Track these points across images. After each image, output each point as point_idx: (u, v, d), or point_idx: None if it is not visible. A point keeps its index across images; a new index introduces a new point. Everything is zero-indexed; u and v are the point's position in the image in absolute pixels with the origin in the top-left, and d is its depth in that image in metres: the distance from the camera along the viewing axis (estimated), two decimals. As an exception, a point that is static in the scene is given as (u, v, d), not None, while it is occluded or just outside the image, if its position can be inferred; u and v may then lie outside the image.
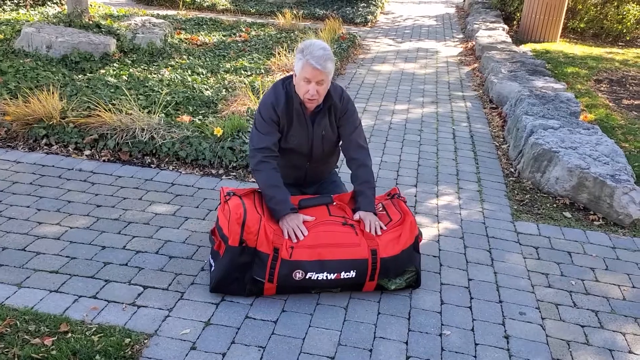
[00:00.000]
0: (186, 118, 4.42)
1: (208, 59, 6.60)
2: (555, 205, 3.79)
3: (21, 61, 5.56)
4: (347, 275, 2.58)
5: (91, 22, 6.85)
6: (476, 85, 6.70)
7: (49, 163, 3.85)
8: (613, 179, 3.61)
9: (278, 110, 2.74)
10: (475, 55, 8.12)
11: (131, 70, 5.80)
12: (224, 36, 7.93)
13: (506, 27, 9.35)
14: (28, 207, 3.27)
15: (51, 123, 4.12)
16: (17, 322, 2.34)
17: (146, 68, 5.96)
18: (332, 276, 2.56)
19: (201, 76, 5.85)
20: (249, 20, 9.49)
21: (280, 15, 9.41)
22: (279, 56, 6.50)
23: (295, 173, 3.01)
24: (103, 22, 7.03)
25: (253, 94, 5.02)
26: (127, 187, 3.60)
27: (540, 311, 2.71)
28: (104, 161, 3.95)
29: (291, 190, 2.99)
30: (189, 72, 5.92)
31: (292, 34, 8.19)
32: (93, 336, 2.30)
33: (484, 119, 5.49)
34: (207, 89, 5.34)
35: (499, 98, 5.81)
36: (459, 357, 2.38)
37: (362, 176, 2.84)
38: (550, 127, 4.36)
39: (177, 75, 5.73)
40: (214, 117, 4.53)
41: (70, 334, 2.30)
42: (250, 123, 4.29)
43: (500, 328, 2.58)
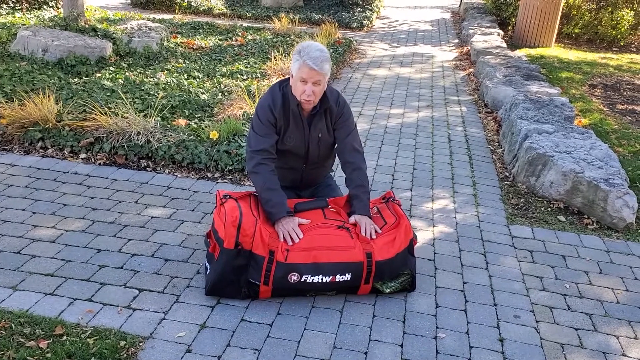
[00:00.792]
0: (182, 122, 4.43)
1: (204, 63, 6.61)
2: (549, 209, 3.81)
3: (17, 64, 5.56)
4: (342, 278, 2.59)
5: (87, 26, 6.86)
6: (471, 89, 6.73)
7: (45, 166, 3.85)
8: (607, 183, 3.63)
9: (275, 111, 2.75)
10: (470, 60, 8.16)
11: (127, 73, 5.80)
12: (220, 40, 7.94)
13: (501, 32, 9.40)
14: (23, 210, 3.27)
15: (47, 126, 4.11)
16: (12, 325, 2.33)
17: (142, 72, 5.97)
18: (328, 279, 2.57)
19: (197, 80, 5.86)
20: (245, 24, 9.51)
21: (276, 19, 9.44)
22: (275, 60, 6.52)
23: (291, 175, 3.02)
24: (99, 26, 7.03)
25: (249, 98, 5.03)
26: (123, 191, 3.60)
27: (534, 314, 2.72)
28: (100, 164, 3.95)
29: (287, 193, 3.00)
30: (185, 76, 5.93)
31: (288, 38, 8.21)
32: (88, 339, 2.30)
33: (479, 123, 5.52)
34: (203, 93, 5.35)
35: (494, 102, 5.84)
36: (454, 360, 2.39)
37: (357, 180, 2.84)
38: (544, 132, 4.39)
39: (173, 79, 5.73)
40: (210, 121, 4.54)
41: (65, 337, 2.30)
42: (246, 127, 4.30)
43: (494, 331, 2.59)
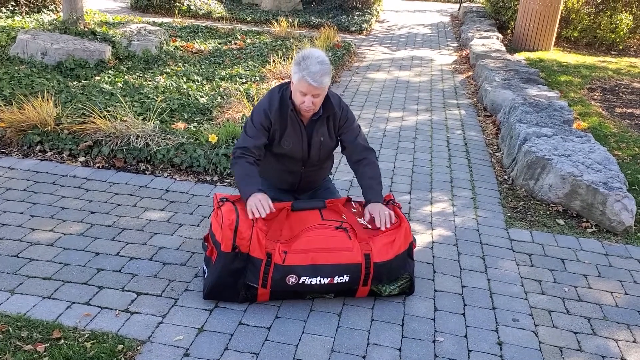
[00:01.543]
0: (181, 125, 4.43)
1: (203, 67, 6.62)
2: (548, 212, 3.81)
3: (16, 68, 5.56)
4: (341, 279, 2.58)
5: (86, 29, 6.86)
6: (470, 93, 6.74)
7: (43, 169, 3.85)
8: (606, 187, 3.63)
9: (271, 115, 2.75)
10: (469, 63, 8.17)
11: (126, 77, 5.81)
12: (220, 44, 7.95)
13: (500, 36, 9.42)
14: (22, 214, 3.27)
15: (45, 130, 4.12)
16: (10, 329, 2.33)
17: (141, 75, 5.97)
18: (326, 281, 2.56)
19: (196, 83, 5.86)
20: (245, 28, 9.52)
21: (275, 23, 9.45)
22: (274, 64, 6.52)
23: (290, 178, 3.01)
24: (98, 29, 7.04)
25: (248, 102, 5.03)
26: (122, 194, 3.60)
27: (533, 318, 2.72)
28: (99, 168, 3.95)
29: (285, 197, 3.00)
30: (184, 80, 5.94)
31: (288, 42, 8.22)
32: (86, 343, 2.29)
33: (478, 127, 5.52)
34: (202, 96, 5.35)
35: (493, 106, 5.85)
36: (452, 364, 2.39)
37: (369, 172, 2.88)
38: (543, 135, 4.39)
39: (172, 82, 5.74)
40: (209, 124, 4.54)
41: (63, 341, 2.29)
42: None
43: (493, 334, 2.58)
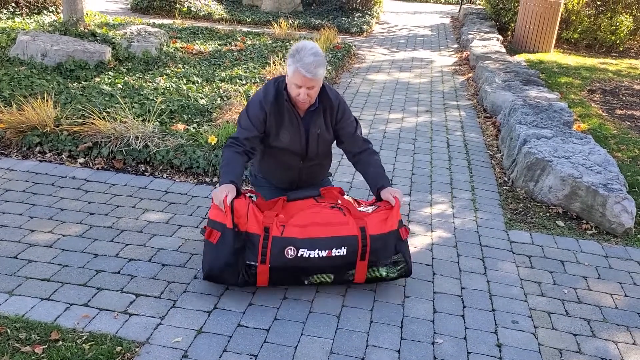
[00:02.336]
0: (181, 126, 4.42)
1: (203, 68, 6.62)
2: (548, 214, 3.80)
3: (16, 69, 5.56)
4: (339, 252, 2.62)
5: (87, 31, 6.86)
6: (470, 94, 6.73)
7: (43, 171, 3.84)
8: (605, 188, 3.62)
9: (266, 107, 2.76)
10: (469, 65, 8.17)
11: (126, 78, 5.81)
12: (220, 45, 7.95)
13: (500, 38, 9.42)
14: (21, 215, 3.26)
15: (45, 131, 4.11)
16: (8, 330, 2.32)
17: (141, 76, 5.97)
18: (324, 253, 2.60)
19: (196, 85, 5.86)
20: (245, 29, 9.53)
21: (276, 24, 9.45)
22: (274, 65, 6.52)
23: (288, 175, 3.01)
24: (98, 31, 7.04)
25: (248, 103, 5.03)
26: (121, 195, 3.60)
27: (532, 320, 2.71)
28: (98, 169, 3.94)
29: (284, 195, 2.99)
30: (184, 81, 5.93)
31: (288, 44, 8.22)
32: (84, 344, 2.29)
33: (478, 128, 5.52)
34: (202, 98, 5.35)
35: (493, 107, 5.84)
36: (452, 366, 2.38)
37: (374, 160, 2.94)
38: (543, 137, 4.39)
39: (172, 83, 5.74)
40: (209, 126, 4.54)
41: (61, 342, 2.29)
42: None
43: (492, 336, 2.58)
